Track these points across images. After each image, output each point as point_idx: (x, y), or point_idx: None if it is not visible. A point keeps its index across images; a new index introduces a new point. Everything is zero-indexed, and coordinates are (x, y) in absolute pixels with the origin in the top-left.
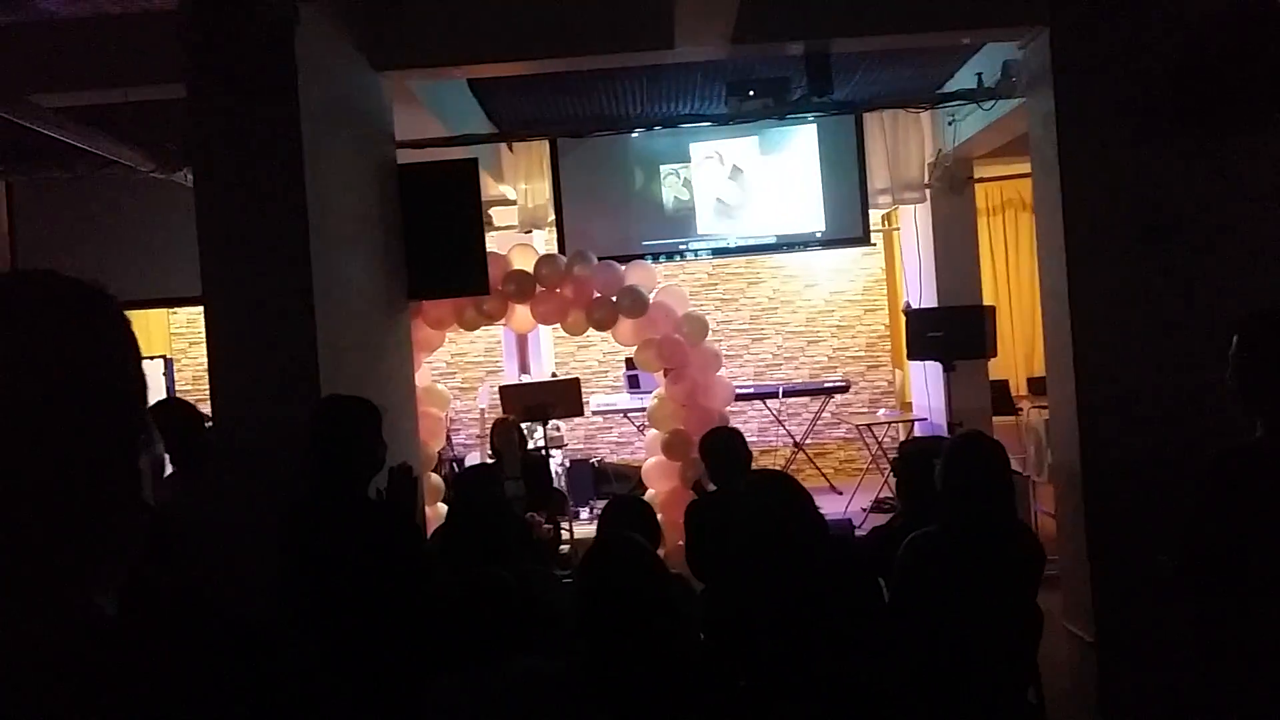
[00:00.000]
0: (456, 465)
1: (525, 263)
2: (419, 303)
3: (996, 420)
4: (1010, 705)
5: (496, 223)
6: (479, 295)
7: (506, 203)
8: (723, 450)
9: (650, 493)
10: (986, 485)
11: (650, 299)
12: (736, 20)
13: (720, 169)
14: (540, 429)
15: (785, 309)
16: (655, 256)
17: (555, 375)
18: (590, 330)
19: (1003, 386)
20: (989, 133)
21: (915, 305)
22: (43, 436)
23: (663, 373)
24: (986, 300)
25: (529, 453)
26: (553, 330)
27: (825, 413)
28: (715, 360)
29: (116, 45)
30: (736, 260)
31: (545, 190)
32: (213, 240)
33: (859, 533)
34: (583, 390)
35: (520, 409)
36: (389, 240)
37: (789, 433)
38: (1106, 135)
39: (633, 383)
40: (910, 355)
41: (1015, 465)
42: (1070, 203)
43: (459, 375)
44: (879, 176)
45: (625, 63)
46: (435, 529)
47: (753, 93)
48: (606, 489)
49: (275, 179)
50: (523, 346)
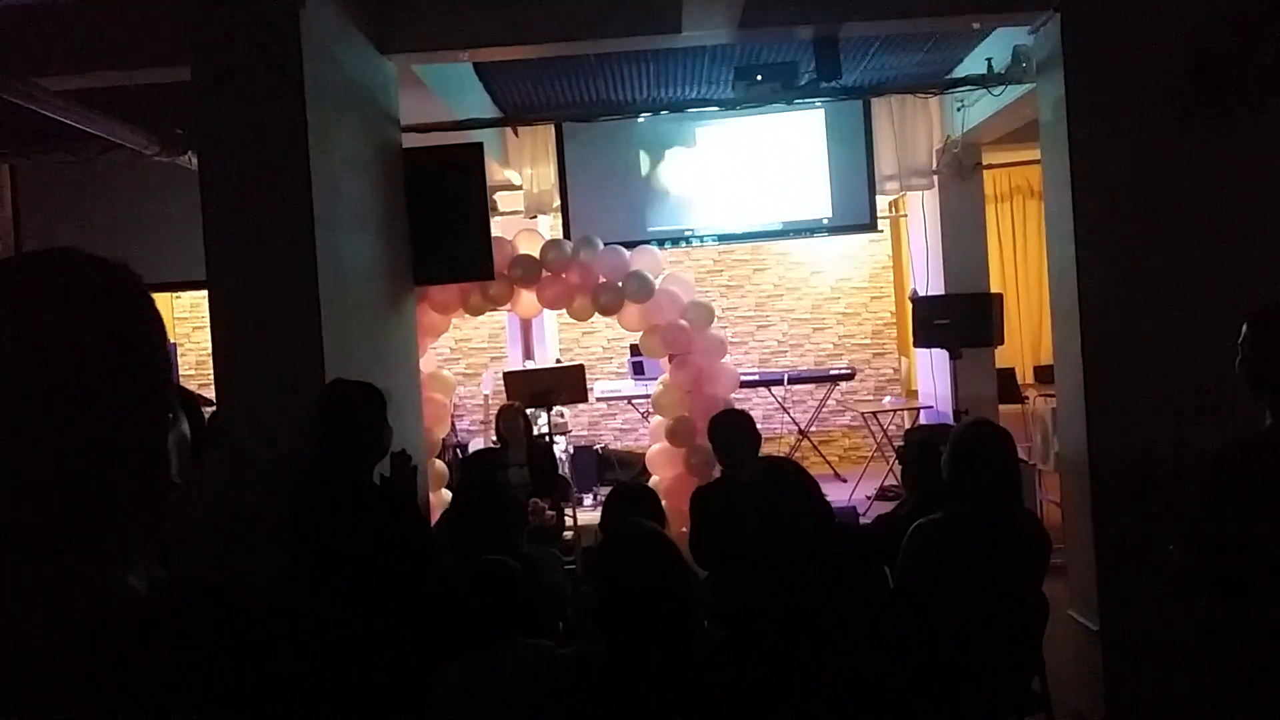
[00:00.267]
0: (460, 451)
1: (531, 248)
2: (424, 287)
3: (1002, 408)
4: (1015, 693)
5: (502, 208)
6: (484, 280)
7: (512, 188)
8: (731, 432)
9: (654, 479)
10: (993, 473)
11: (656, 284)
12: (744, 4)
13: (727, 154)
14: (544, 415)
15: (791, 295)
16: (661, 242)
17: (559, 361)
18: (595, 316)
19: (1009, 374)
20: (998, 118)
21: (922, 292)
22: (74, 415)
23: (667, 359)
24: (994, 288)
25: (534, 439)
26: (557, 316)
27: (830, 400)
28: (720, 347)
29: (121, 28)
30: (742, 246)
31: (550, 175)
32: (217, 224)
33: (864, 520)
34: (587, 376)
35: (524, 395)
36: (394, 225)
37: (794, 420)
38: (1117, 121)
39: (637, 369)
40: (916, 343)
41: (1021, 454)
42: (1080, 189)
43: (463, 361)
44: (887, 162)
45: (632, 47)
46: (441, 514)
47: (760, 77)
48: (610, 475)
49: (280, 163)
50: (527, 332)
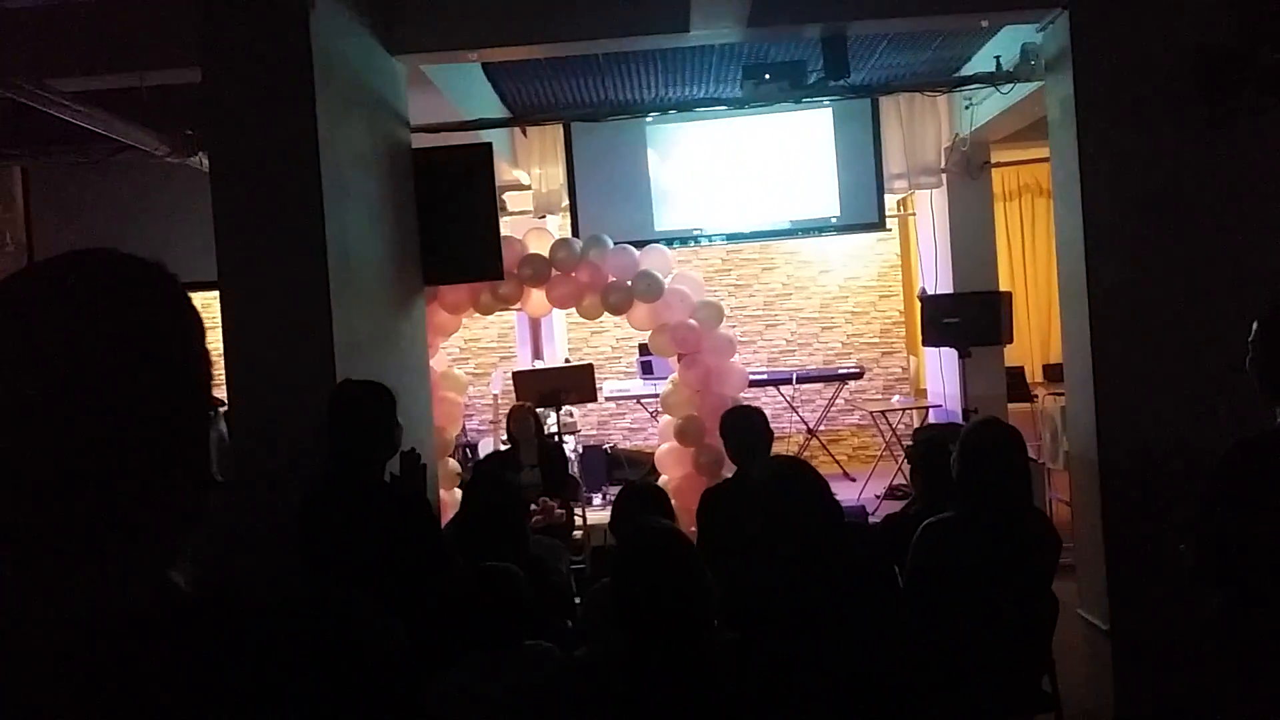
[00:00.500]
0: (470, 450)
1: (541, 247)
2: (435, 287)
3: (1012, 407)
4: (1024, 692)
5: (511, 208)
6: (494, 280)
7: (520, 188)
8: (744, 429)
9: (663, 478)
10: (1003, 472)
11: (665, 284)
12: (753, 3)
13: (735, 154)
14: (553, 415)
15: (799, 295)
16: (669, 242)
17: (569, 361)
18: (604, 316)
19: (1018, 373)
20: (1006, 116)
21: (931, 291)
22: (121, 412)
23: (676, 358)
24: (1002, 286)
25: (545, 439)
26: (566, 316)
27: (839, 399)
28: (729, 346)
29: (132, 29)
30: (750, 246)
31: (559, 175)
32: (228, 225)
33: (872, 519)
34: (596, 376)
35: (534, 395)
36: (404, 225)
37: (802, 419)
38: (1126, 119)
39: (646, 369)
40: (925, 341)
41: (1030, 452)
42: (1089, 187)
43: (472, 361)
44: (895, 161)
45: (640, 46)
46: (451, 517)
47: (768, 76)
48: (619, 475)
49: (290, 163)
50: (536, 332)
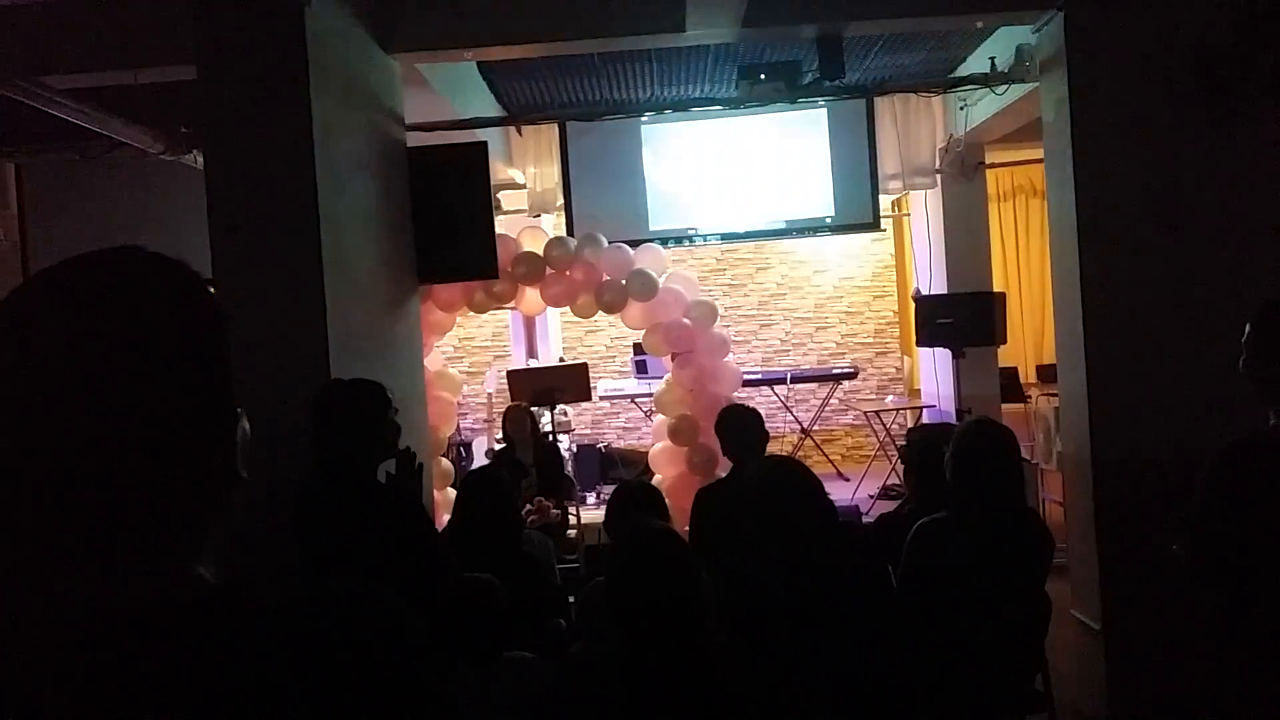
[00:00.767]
0: (464, 449)
1: (535, 245)
2: (429, 286)
3: (1005, 408)
4: (1017, 692)
5: (505, 206)
6: (488, 279)
7: (515, 187)
8: (739, 427)
9: (657, 478)
10: (996, 472)
11: (660, 283)
12: (748, 3)
13: (730, 154)
14: (548, 414)
15: (794, 295)
16: (664, 241)
17: (563, 360)
18: (598, 315)
19: (1012, 374)
20: (1001, 117)
21: (925, 291)
22: (149, 409)
23: (670, 358)
24: (996, 287)
25: (540, 438)
26: (560, 315)
27: (833, 399)
28: (723, 345)
29: (127, 27)
30: (745, 245)
31: (554, 174)
32: (222, 222)
33: (866, 519)
34: (590, 375)
35: (528, 393)
36: (399, 223)
37: (796, 419)
38: (1120, 120)
39: (640, 368)
40: (919, 342)
41: (1023, 453)
42: (1083, 188)
43: (466, 360)
44: (890, 161)
45: (636, 46)
46: (449, 519)
47: (764, 76)
48: (614, 474)
49: (285, 161)
50: (530, 331)
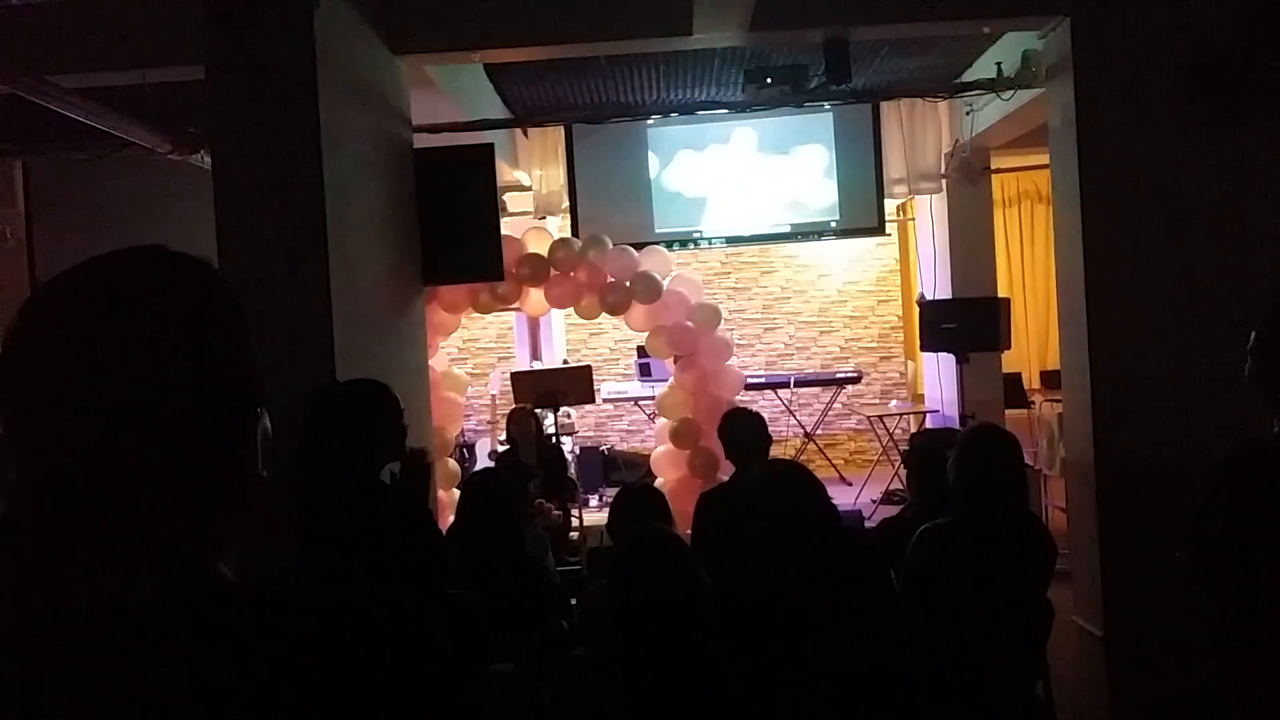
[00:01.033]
0: (467, 450)
1: (540, 247)
2: (434, 287)
3: (1009, 413)
4: (1018, 699)
5: (511, 208)
6: (493, 281)
7: (521, 189)
8: (742, 431)
9: (659, 481)
10: (998, 478)
11: (664, 285)
12: (755, 7)
13: (735, 157)
14: (551, 416)
15: (798, 299)
16: (669, 244)
17: (567, 362)
18: (602, 317)
19: (1016, 379)
20: (1007, 123)
21: (929, 296)
22: (173, 409)
23: (673, 360)
24: (1001, 292)
25: (544, 440)
26: (565, 317)
27: (836, 403)
28: (725, 349)
29: (135, 26)
30: (749, 249)
31: (560, 176)
32: (229, 223)
33: (868, 524)
34: (594, 377)
35: (532, 395)
36: (404, 224)
37: (800, 423)
38: (1126, 126)
39: (644, 371)
40: (923, 347)
41: (1027, 459)
42: (1088, 194)
43: (470, 361)
44: (895, 166)
45: (642, 49)
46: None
47: (770, 80)
48: (616, 477)
49: (293, 162)
50: (534, 333)
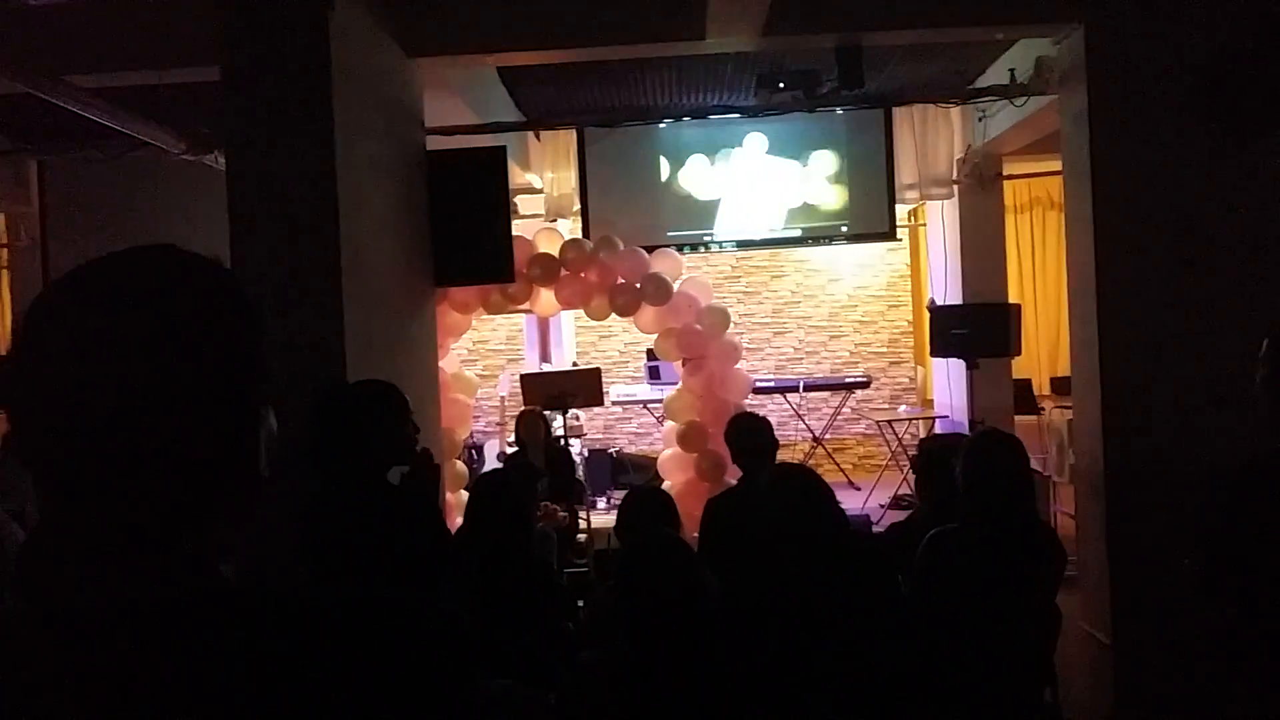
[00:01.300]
0: (476, 451)
1: (551, 247)
2: (445, 288)
3: (1018, 419)
4: (1026, 704)
5: (522, 211)
6: (504, 282)
7: (533, 191)
8: (749, 436)
9: (666, 483)
10: (1006, 483)
11: (675, 287)
12: (769, 12)
13: (747, 161)
14: (560, 418)
15: (808, 303)
16: (679, 247)
17: (576, 365)
18: (611, 320)
19: (1025, 385)
20: (1019, 129)
21: (940, 302)
22: (176, 407)
23: (681, 363)
24: (1012, 298)
25: (553, 443)
26: (574, 319)
27: (845, 408)
28: (734, 352)
29: (152, 27)
30: (760, 253)
31: (571, 179)
32: (243, 223)
33: (876, 529)
34: (603, 380)
35: (541, 397)
36: (416, 226)
37: (808, 427)
38: (1139, 134)
39: (653, 374)
40: (933, 352)
41: (1036, 465)
42: (1101, 201)
43: (480, 363)
44: (907, 171)
45: (656, 53)
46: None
47: (783, 85)
48: (624, 479)
49: (307, 163)
50: (544, 335)
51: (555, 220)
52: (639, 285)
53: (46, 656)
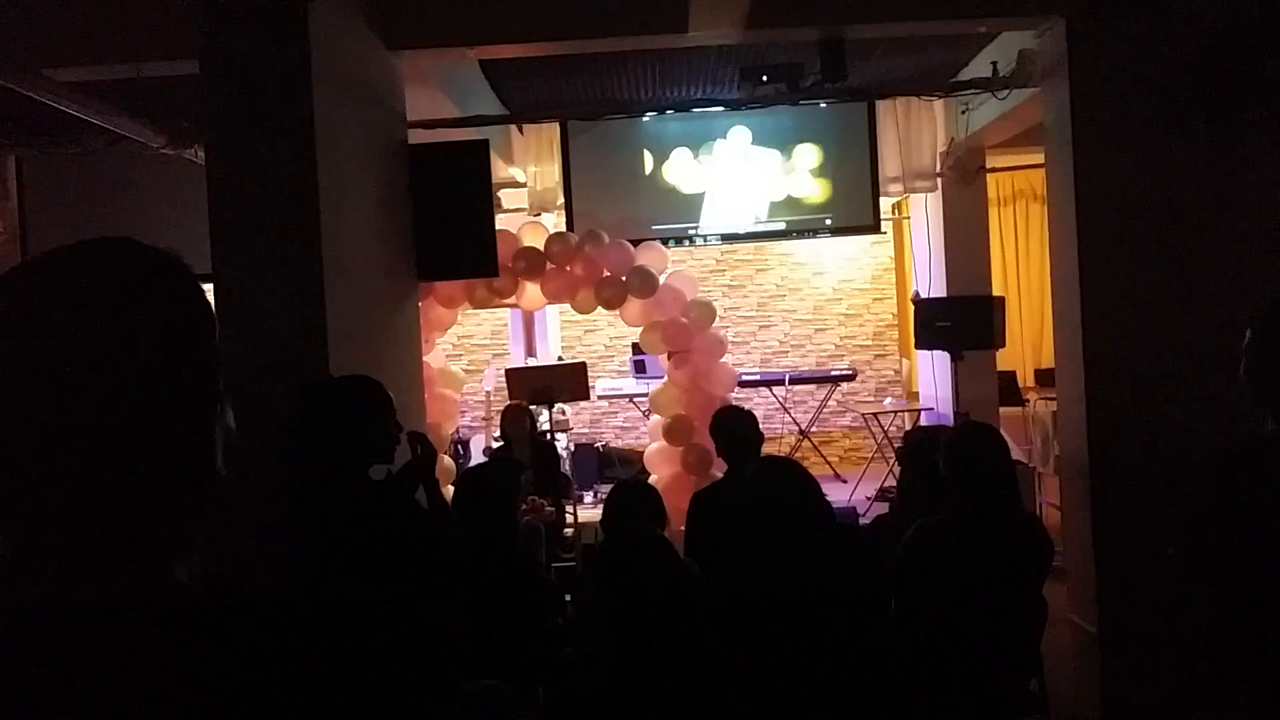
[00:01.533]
0: (461, 447)
1: (536, 240)
2: (430, 282)
3: (1003, 411)
4: (1013, 695)
5: (506, 205)
6: (488, 277)
7: (516, 185)
8: (734, 429)
9: (652, 477)
10: (989, 474)
11: (660, 280)
12: (751, 5)
13: (731, 154)
14: (545, 412)
15: (793, 296)
16: (664, 241)
17: (561, 359)
18: (597, 314)
19: (1010, 377)
20: (1002, 122)
21: (924, 294)
22: (126, 403)
23: (667, 356)
24: (996, 290)
25: (538, 437)
26: (559, 313)
27: (831, 401)
28: (719, 346)
29: (130, 20)
30: (745, 246)
31: (555, 173)
32: (223, 218)
33: (863, 521)
34: (589, 374)
35: (526, 392)
36: (399, 220)
37: (794, 420)
38: (1121, 126)
39: (639, 368)
40: (918, 344)
41: (1021, 456)
42: (1083, 193)
43: (465, 358)
44: (890, 164)
45: (638, 46)
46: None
47: (766, 78)
48: (611, 473)
49: (287, 156)
50: (529, 329)
51: (539, 214)
52: (625, 278)
53: None
